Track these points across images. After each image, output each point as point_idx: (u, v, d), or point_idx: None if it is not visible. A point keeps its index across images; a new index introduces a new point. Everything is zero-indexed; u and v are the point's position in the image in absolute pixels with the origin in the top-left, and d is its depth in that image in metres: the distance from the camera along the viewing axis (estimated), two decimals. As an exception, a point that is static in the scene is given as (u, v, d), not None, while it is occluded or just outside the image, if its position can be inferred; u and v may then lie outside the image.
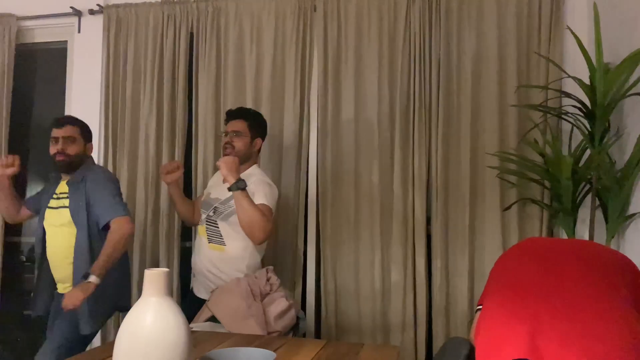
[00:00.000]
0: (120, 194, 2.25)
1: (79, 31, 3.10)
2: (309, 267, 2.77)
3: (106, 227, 2.15)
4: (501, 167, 2.50)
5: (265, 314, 2.06)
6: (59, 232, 2.20)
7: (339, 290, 2.66)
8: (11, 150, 3.09)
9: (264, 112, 2.77)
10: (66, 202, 2.21)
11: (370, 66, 2.69)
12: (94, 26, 3.05)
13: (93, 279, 1.99)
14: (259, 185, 2.24)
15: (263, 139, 2.43)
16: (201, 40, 2.88)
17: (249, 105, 2.79)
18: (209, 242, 2.29)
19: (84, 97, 3.06)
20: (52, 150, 2.24)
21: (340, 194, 2.68)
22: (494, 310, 1.31)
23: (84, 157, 2.28)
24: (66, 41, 3.19)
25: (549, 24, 2.53)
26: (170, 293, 1.12)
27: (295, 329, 2.28)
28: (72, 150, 2.23)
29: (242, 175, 2.17)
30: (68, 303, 1.96)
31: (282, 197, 2.73)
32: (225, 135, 2.36)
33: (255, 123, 2.39)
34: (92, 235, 2.18)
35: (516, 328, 1.20)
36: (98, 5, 3.02)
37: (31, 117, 3.31)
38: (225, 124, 2.41)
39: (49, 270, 2.26)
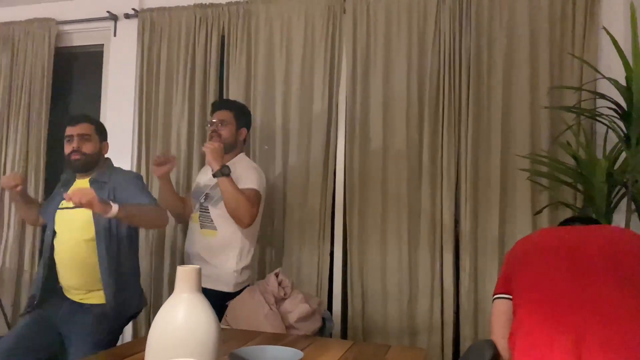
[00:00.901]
0: (149, 191, 2.21)
1: (114, 35, 3.20)
2: (336, 268, 2.78)
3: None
4: (532, 170, 2.46)
5: (286, 320, 2.08)
6: (73, 236, 2.11)
7: (365, 291, 2.67)
8: (50, 150, 3.20)
9: (293, 114, 2.81)
10: None
11: (399, 67, 2.68)
12: (129, 30, 3.14)
13: (116, 208, 1.86)
14: (247, 171, 2.35)
15: (248, 129, 2.54)
16: (232, 43, 2.93)
17: (278, 107, 2.83)
18: (201, 228, 2.36)
19: (118, 98, 3.15)
20: (67, 149, 2.17)
21: (368, 195, 2.69)
22: (533, 316, 1.33)
23: (100, 156, 2.22)
24: (102, 44, 3.29)
25: (583, 23, 2.48)
26: (201, 290, 1.15)
27: (321, 330, 2.29)
28: (88, 148, 2.16)
29: (229, 163, 2.29)
30: (76, 194, 1.77)
31: (309, 198, 2.75)
32: (211, 124, 2.43)
33: (241, 113, 2.49)
34: (115, 241, 2.11)
35: (560, 337, 1.23)
36: (133, 9, 3.11)
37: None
38: (211, 115, 2.49)
39: (55, 276, 2.17)
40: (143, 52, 3.07)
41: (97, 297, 2.11)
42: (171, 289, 2.95)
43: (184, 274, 1.13)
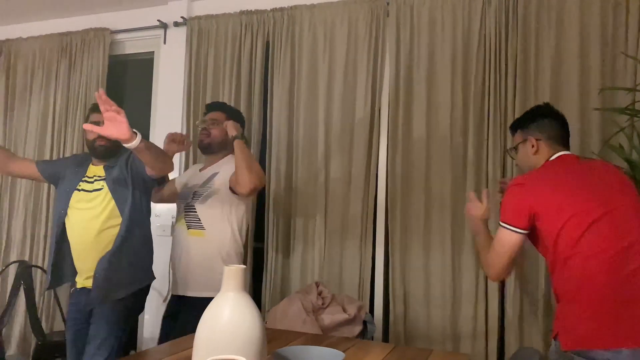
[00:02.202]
0: None
1: (164, 42, 3.32)
2: (377, 271, 2.78)
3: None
4: (582, 174, 2.38)
5: (323, 327, 2.11)
6: (86, 218, 2.10)
7: (407, 295, 2.65)
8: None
9: (335, 118, 2.84)
10: (101, 184, 2.13)
11: (442, 70, 2.66)
12: (179, 37, 3.25)
13: (139, 137, 1.82)
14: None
15: None
16: (276, 49, 2.99)
17: (321, 112, 2.86)
18: (188, 229, 2.28)
19: (168, 104, 3.26)
20: (91, 136, 2.16)
21: (410, 199, 2.68)
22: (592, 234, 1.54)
23: (121, 146, 2.12)
24: (153, 52, 3.42)
25: (637, 22, 2.39)
26: (247, 289, 1.18)
27: (363, 333, 2.30)
28: None
29: (219, 164, 2.34)
30: (108, 127, 1.76)
31: (351, 202, 2.76)
32: (204, 123, 2.41)
33: (232, 116, 2.42)
34: (135, 223, 2.11)
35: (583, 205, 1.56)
36: (182, 17, 3.22)
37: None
38: (204, 116, 2.46)
39: (69, 254, 2.17)
40: (191, 59, 3.17)
41: None
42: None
43: (230, 273, 1.17)
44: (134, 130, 1.81)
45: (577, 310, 1.52)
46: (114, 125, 1.77)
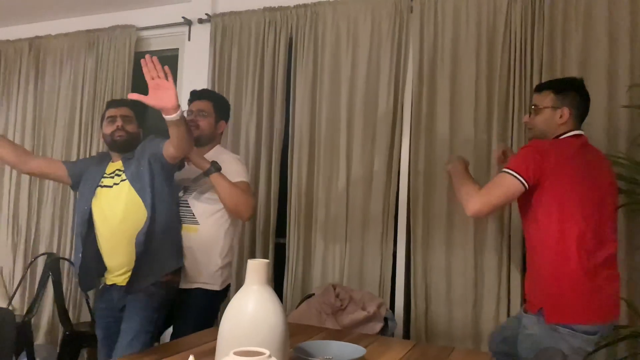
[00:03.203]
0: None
1: (189, 39, 3.36)
2: (398, 269, 2.77)
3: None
4: (609, 172, 2.34)
5: (343, 327, 2.12)
6: (112, 214, 2.06)
7: (429, 293, 2.64)
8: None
9: (358, 114, 2.83)
10: (121, 177, 2.10)
11: (467, 66, 2.64)
12: (203, 34, 3.28)
13: (181, 109, 1.80)
14: (232, 165, 2.23)
15: (226, 122, 2.43)
16: (299, 45, 3.00)
17: (343, 108, 2.86)
18: (182, 224, 2.22)
19: (192, 100, 3.30)
20: (109, 129, 2.15)
21: (433, 197, 2.66)
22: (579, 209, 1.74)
23: (139, 138, 2.19)
24: (178, 49, 3.47)
25: (668, 17, 2.33)
26: (270, 282, 1.20)
27: (383, 330, 2.30)
28: (131, 128, 2.16)
29: (207, 156, 2.20)
30: (155, 97, 1.73)
31: (373, 198, 2.76)
32: (190, 114, 2.31)
33: (220, 104, 2.36)
34: (160, 211, 2.05)
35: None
36: (206, 14, 3.25)
37: (145, 120, 3.62)
38: (189, 104, 2.37)
39: (97, 253, 2.13)
40: (215, 55, 3.21)
41: None
42: (238, 282, 3.06)
43: (254, 267, 1.18)
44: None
45: (562, 286, 1.71)
46: (160, 93, 1.69)
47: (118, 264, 2.08)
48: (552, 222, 1.73)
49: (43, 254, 3.31)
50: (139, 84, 3.48)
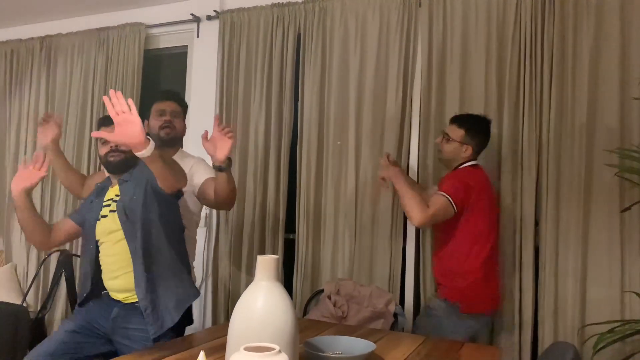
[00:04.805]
0: None
1: (197, 36, 3.37)
2: (408, 264, 2.77)
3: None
4: (621, 166, 2.32)
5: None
6: (111, 242, 1.91)
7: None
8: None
9: (366, 110, 2.83)
10: (115, 205, 1.92)
11: (476, 60, 2.62)
12: (211, 31, 3.29)
13: (152, 144, 1.63)
14: (200, 166, 2.25)
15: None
16: (308, 41, 2.99)
17: (352, 103, 2.85)
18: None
19: (201, 96, 3.31)
20: (103, 150, 1.95)
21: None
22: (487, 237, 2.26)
23: (136, 158, 1.90)
24: (187, 46, 3.48)
25: (682, 8, 2.30)
26: (279, 278, 1.21)
27: (393, 325, 2.31)
28: (126, 147, 1.86)
29: (174, 157, 2.16)
30: (118, 135, 1.58)
31: (382, 194, 2.75)
32: (163, 113, 2.26)
33: (186, 109, 2.37)
34: (149, 230, 1.86)
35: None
36: (215, 11, 3.26)
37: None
38: (159, 103, 2.32)
39: (101, 283, 1.96)
40: (224, 52, 3.21)
41: None
42: (247, 278, 3.08)
43: (264, 262, 1.19)
44: (148, 136, 1.60)
45: (466, 282, 2.18)
46: (127, 128, 1.54)
47: (118, 287, 1.91)
48: (466, 242, 2.22)
49: (56, 251, 3.35)
50: (149, 81, 3.54)
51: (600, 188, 2.39)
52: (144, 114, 2.31)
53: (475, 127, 2.30)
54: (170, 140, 2.29)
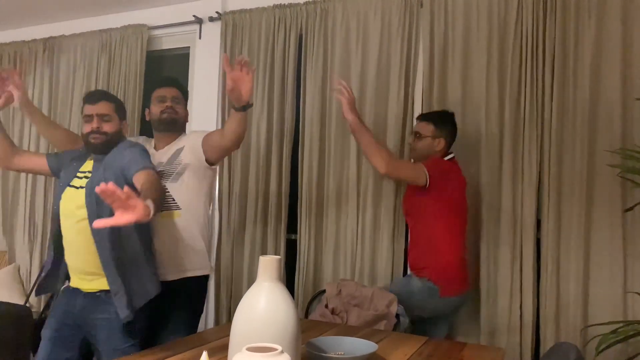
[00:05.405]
0: (146, 152, 1.96)
1: (199, 37, 3.38)
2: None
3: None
4: (623, 166, 2.31)
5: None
6: (76, 218, 1.91)
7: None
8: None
9: (368, 110, 2.83)
10: (85, 182, 1.93)
11: (478, 61, 2.62)
12: (213, 32, 3.30)
13: (151, 204, 1.50)
14: (193, 136, 2.23)
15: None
16: (309, 41, 3.00)
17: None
18: (161, 211, 2.09)
19: (204, 97, 3.32)
20: (86, 128, 1.97)
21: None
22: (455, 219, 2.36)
23: (121, 137, 2.04)
24: (189, 47, 3.49)
25: (684, 8, 2.30)
26: (281, 278, 1.21)
27: (395, 326, 2.30)
28: (109, 127, 1.97)
29: (177, 142, 2.21)
30: (109, 196, 1.35)
31: (384, 194, 2.75)
32: (164, 99, 2.23)
33: (186, 95, 2.35)
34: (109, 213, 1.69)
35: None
36: (217, 12, 3.27)
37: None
38: (159, 89, 2.28)
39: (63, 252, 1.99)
40: (226, 53, 3.22)
41: (103, 283, 1.89)
42: (249, 279, 3.08)
43: (266, 263, 1.19)
44: (148, 205, 1.47)
45: (443, 265, 2.28)
46: (128, 211, 1.40)
47: (76, 267, 1.95)
48: (440, 229, 2.30)
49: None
50: (151, 83, 3.53)
51: (602, 188, 2.39)
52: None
53: (442, 119, 2.41)
54: (172, 122, 2.23)
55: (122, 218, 1.39)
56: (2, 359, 2.27)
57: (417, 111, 2.79)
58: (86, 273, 1.93)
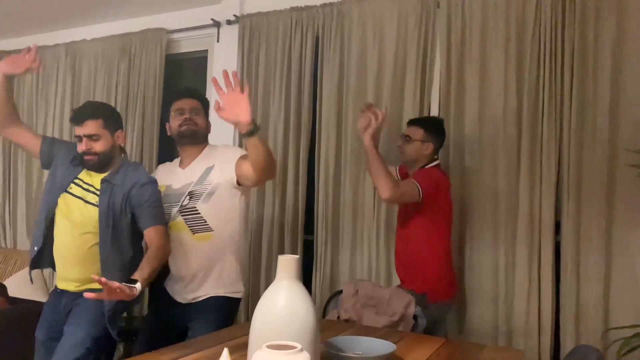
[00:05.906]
0: (159, 200, 2.04)
1: (218, 40, 3.41)
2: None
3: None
4: (645, 166, 2.28)
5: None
6: (74, 229, 1.98)
7: (459, 290, 2.63)
8: (161, 150, 3.49)
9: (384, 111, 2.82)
10: (94, 198, 2.00)
11: (495, 61, 2.60)
12: (231, 35, 3.33)
13: (139, 286, 1.66)
14: (230, 149, 2.30)
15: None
16: (326, 44, 3.01)
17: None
18: (194, 234, 2.12)
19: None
20: (79, 147, 2.02)
21: (462, 194, 2.64)
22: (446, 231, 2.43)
23: (114, 150, 2.06)
24: (207, 50, 3.53)
25: None
26: (300, 278, 1.22)
27: (413, 327, 2.30)
28: (99, 147, 2.00)
29: (205, 157, 2.21)
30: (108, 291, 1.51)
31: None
32: (183, 112, 2.21)
33: (207, 105, 2.32)
34: (119, 235, 1.97)
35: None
36: (235, 15, 3.30)
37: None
38: (177, 102, 2.26)
39: (52, 254, 2.05)
40: (243, 56, 3.25)
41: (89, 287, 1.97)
42: (267, 279, 3.10)
43: (285, 262, 1.21)
44: (133, 286, 1.62)
45: (436, 274, 2.33)
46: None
47: (69, 276, 2.01)
48: (428, 237, 2.35)
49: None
50: (170, 86, 3.59)
51: (623, 188, 2.35)
52: (165, 117, 2.35)
53: (432, 125, 2.45)
54: (192, 134, 2.19)
55: (110, 296, 1.52)
56: (27, 355, 2.33)
57: (434, 112, 2.79)
58: (73, 280, 2.01)
